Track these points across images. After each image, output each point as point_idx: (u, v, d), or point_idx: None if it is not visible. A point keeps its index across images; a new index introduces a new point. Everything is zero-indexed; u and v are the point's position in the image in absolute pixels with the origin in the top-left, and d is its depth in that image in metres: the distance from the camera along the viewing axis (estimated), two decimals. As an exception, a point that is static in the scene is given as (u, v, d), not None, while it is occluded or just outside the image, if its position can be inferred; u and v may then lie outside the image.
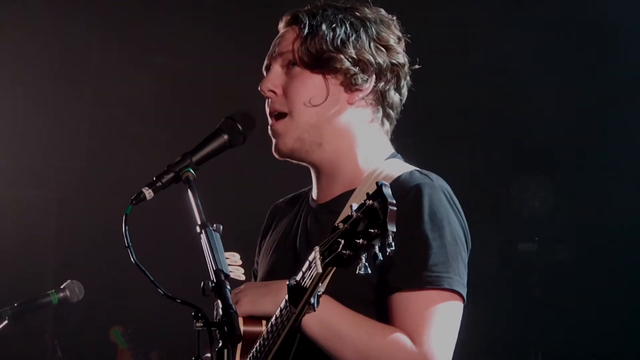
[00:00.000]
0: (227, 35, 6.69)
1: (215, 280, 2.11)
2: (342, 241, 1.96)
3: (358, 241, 1.92)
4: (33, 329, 6.66)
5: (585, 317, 6.36)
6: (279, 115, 2.61)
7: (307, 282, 2.07)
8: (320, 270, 2.02)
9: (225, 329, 2.04)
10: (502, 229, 6.78)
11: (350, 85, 2.57)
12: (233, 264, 2.57)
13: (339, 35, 2.54)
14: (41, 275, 6.98)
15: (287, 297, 2.18)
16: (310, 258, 2.07)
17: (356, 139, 2.60)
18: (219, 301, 2.08)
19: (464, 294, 2.44)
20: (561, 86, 6.34)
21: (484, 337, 6.34)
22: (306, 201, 2.72)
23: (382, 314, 2.43)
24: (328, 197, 2.63)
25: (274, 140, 2.61)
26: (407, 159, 2.68)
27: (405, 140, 2.76)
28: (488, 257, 6.52)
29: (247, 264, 2.69)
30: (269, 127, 2.62)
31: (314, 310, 2.12)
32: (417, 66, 2.66)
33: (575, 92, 6.36)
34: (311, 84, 2.56)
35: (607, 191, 6.31)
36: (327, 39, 2.53)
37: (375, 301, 2.45)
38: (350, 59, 2.54)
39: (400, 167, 2.56)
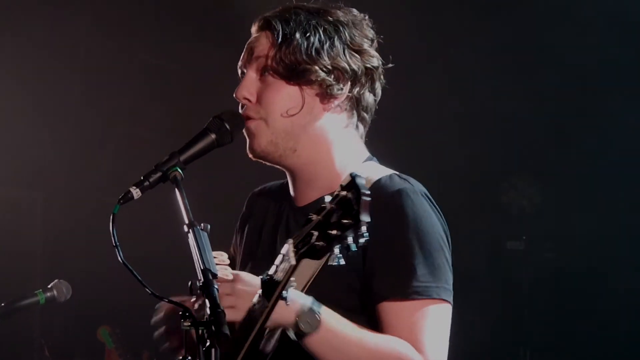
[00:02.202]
0: (217, 35, 6.68)
1: (202, 280, 2.11)
2: (316, 233, 1.94)
3: (331, 232, 1.90)
4: (20, 329, 6.63)
5: (573, 316, 6.38)
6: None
7: (280, 275, 2.06)
8: (294, 262, 2.02)
9: (213, 328, 2.03)
10: (491, 227, 6.80)
11: (326, 95, 2.55)
12: (221, 263, 2.56)
13: (313, 44, 2.51)
14: (29, 275, 6.95)
15: (260, 291, 2.16)
16: (284, 251, 2.06)
17: (332, 144, 2.58)
18: (206, 300, 2.07)
19: (451, 300, 2.45)
20: (546, 85, 6.37)
21: (472, 336, 6.36)
22: (288, 201, 2.71)
23: (372, 321, 2.43)
24: (306, 201, 2.62)
25: (248, 140, 2.60)
26: (383, 161, 2.67)
27: (394, 139, 2.76)
28: (476, 255, 6.54)
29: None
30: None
31: (287, 305, 2.11)
32: (390, 65, 2.64)
33: (561, 91, 6.39)
34: (286, 94, 2.54)
35: (595, 190, 6.33)
36: (302, 49, 2.50)
37: (361, 308, 2.44)
38: (325, 69, 2.51)
39: (378, 171, 2.56)
